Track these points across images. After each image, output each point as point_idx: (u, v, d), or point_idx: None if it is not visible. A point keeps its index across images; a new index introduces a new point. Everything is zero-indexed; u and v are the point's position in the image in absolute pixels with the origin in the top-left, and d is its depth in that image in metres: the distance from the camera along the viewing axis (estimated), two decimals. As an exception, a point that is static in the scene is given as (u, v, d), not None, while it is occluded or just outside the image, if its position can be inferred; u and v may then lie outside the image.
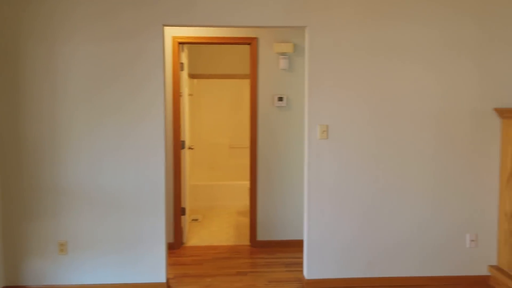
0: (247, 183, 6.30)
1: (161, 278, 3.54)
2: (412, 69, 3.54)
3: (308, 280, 3.62)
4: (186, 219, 4.79)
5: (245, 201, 6.38)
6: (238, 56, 6.82)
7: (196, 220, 5.70)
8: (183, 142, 4.72)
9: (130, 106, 3.43)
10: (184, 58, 4.74)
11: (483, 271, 3.66)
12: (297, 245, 4.57)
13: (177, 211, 4.58)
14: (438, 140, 3.58)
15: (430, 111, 3.57)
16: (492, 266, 3.64)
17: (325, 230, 3.60)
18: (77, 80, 3.40)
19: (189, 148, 4.94)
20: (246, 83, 7.00)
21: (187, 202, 4.94)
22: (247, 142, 7.11)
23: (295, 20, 3.48)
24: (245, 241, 4.84)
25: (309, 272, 3.63)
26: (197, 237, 5.01)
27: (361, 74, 3.53)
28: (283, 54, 4.57)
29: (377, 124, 3.56)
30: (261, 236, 4.66)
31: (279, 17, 3.47)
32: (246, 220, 5.68)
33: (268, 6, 3.45)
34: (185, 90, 4.77)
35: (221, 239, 4.93)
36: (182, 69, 4.68)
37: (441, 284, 3.64)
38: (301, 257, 4.26)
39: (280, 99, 4.59)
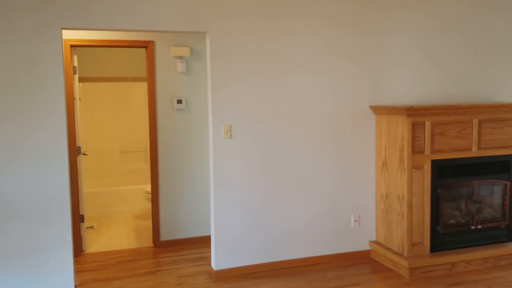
0: (142, 187, 6.30)
1: (69, 285, 3.48)
2: (304, 75, 3.99)
3: (217, 271, 3.86)
4: (84, 227, 4.69)
5: (142, 205, 6.37)
6: (130, 58, 6.77)
7: (91, 227, 5.56)
8: (79, 148, 4.62)
9: (29, 111, 3.32)
10: (75, 62, 4.64)
11: (365, 246, 4.26)
12: (202, 241, 4.78)
13: (75, 218, 4.47)
14: (326, 135, 4.08)
15: (319, 111, 4.05)
16: (372, 241, 4.26)
17: (231, 223, 3.88)
18: (-31, 83, 3.19)
19: (83, 154, 4.84)
20: (138, 86, 6.98)
21: (85, 209, 4.83)
22: (139, 146, 7.08)
23: (196, 25, 3.70)
24: (148, 243, 4.89)
25: (217, 263, 3.86)
26: (97, 243, 4.92)
27: (260, 78, 3.88)
28: (180, 57, 4.73)
29: (275, 123, 3.94)
30: (165, 236, 4.77)
31: (179, 22, 3.64)
32: (145, 223, 5.70)
33: (168, 11, 3.60)
34: (77, 94, 4.67)
35: (122, 244, 4.91)
36: (75, 73, 4.58)
37: (331, 261, 4.14)
38: (207, 252, 4.47)
39: (179, 101, 4.75)
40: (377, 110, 4.13)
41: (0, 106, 3.26)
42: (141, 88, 6.97)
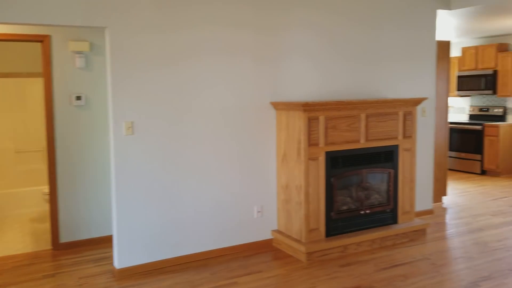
0: (39, 188, 5.99)
1: (-42, 293, 3.26)
2: (206, 71, 4.07)
3: (119, 269, 3.82)
4: (-25, 231, 4.38)
5: (39, 207, 6.06)
6: (25, 53, 6.36)
7: (-17, 233, 5.18)
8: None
9: None
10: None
11: (267, 235, 4.47)
12: (105, 241, 4.68)
13: (-36, 223, 4.15)
14: (229, 130, 4.21)
15: (222, 106, 4.17)
16: (274, 230, 4.48)
17: (134, 220, 3.86)
18: None
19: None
20: (34, 82, 6.59)
21: (-25, 213, 4.50)
22: (37, 146, 6.70)
23: (94, 20, 3.62)
24: (46, 245, 4.67)
25: (119, 261, 3.83)
26: (-11, 249, 4.61)
27: (162, 73, 3.89)
28: (79, 52, 4.57)
29: (178, 118, 3.98)
30: (65, 238, 4.59)
31: (77, 16, 3.54)
32: (43, 226, 5.42)
33: (65, 4, 3.49)
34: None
35: (18, 248, 4.64)
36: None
37: (235, 252, 4.30)
38: (110, 252, 4.39)
39: (78, 98, 4.59)
40: (277, 106, 4.35)
41: None
42: (38, 84, 6.59)
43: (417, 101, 4.60)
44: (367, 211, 4.45)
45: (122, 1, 3.69)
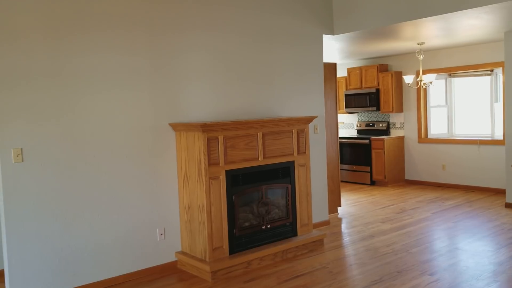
0: None
1: None
2: (101, 94, 3.99)
3: (13, 306, 3.56)
4: None
5: None
6: None
7: None
8: None
9: None
10: None
11: (171, 258, 4.45)
12: (-7, 277, 4.31)
13: None
14: (128, 153, 4.15)
15: (120, 129, 4.10)
16: (178, 252, 4.47)
17: (28, 253, 3.63)
18: None
19: None
20: None
21: None
22: None
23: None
24: None
25: (12, 298, 3.57)
26: None
27: (54, 97, 3.74)
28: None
29: (73, 143, 3.84)
30: None
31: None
32: None
33: None
34: None
35: None
36: None
37: (139, 277, 4.21)
38: (0, 288, 4.07)
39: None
40: (176, 127, 4.39)
41: None
42: None
43: (309, 119, 4.94)
44: (268, 226, 4.64)
45: (7, 24, 3.51)
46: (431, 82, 7.39)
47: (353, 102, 9.29)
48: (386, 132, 9.07)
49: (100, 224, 4.00)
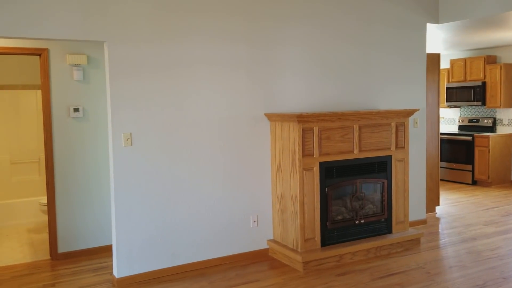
0: (36, 199, 6.01)
1: (-42, 304, 3.28)
2: (203, 83, 4.16)
3: (119, 278, 3.86)
4: (-28, 242, 4.40)
5: (36, 218, 6.07)
6: (20, 65, 6.42)
7: (-21, 244, 5.19)
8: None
9: None
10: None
11: (263, 245, 4.53)
12: (102, 251, 4.71)
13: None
14: (225, 141, 4.29)
15: (218, 118, 4.25)
16: (269, 240, 4.55)
17: (133, 230, 3.92)
18: None
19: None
20: (29, 94, 6.64)
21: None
22: (31, 157, 6.73)
23: (94, 34, 3.71)
24: (44, 256, 4.70)
25: (119, 271, 3.87)
26: (-14, 260, 4.63)
27: (160, 86, 3.98)
28: (76, 65, 4.65)
29: (176, 130, 4.06)
30: (63, 248, 4.62)
31: (77, 30, 3.63)
32: (40, 237, 5.45)
33: (66, 20, 3.58)
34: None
35: (16, 258, 4.67)
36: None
37: (232, 261, 4.35)
38: (108, 262, 4.43)
39: (76, 110, 4.66)
40: (271, 117, 4.44)
41: None
42: (33, 96, 6.65)
43: (409, 112, 4.72)
44: (362, 221, 4.53)
45: (120, 16, 3.78)
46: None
47: (456, 95, 8.71)
48: (492, 129, 8.40)
49: (197, 208, 4.19)
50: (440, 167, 8.23)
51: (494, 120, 8.41)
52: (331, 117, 4.26)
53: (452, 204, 6.73)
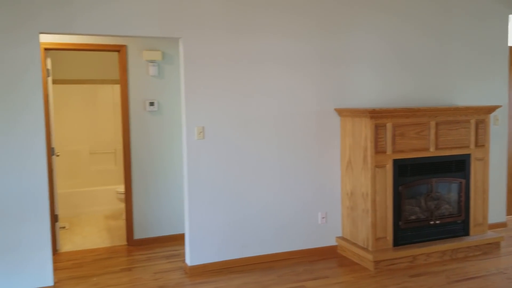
0: (112, 188, 6.35)
1: (49, 281, 3.55)
2: (271, 77, 4.18)
3: (191, 266, 3.99)
4: (58, 226, 4.73)
5: (112, 205, 6.42)
6: (99, 61, 6.79)
7: (63, 227, 5.57)
8: (53, 149, 4.66)
9: (6, 112, 3.39)
10: (49, 65, 4.67)
11: (332, 242, 4.49)
12: (174, 239, 4.90)
13: (51, 218, 4.50)
14: (295, 136, 4.28)
15: (288, 113, 4.25)
16: (338, 237, 4.49)
17: (204, 220, 4.02)
18: None
19: (56, 155, 4.86)
20: (106, 89, 7.01)
21: (61, 213, 4.86)
22: (108, 148, 7.11)
23: (169, 31, 3.83)
24: (121, 241, 4.97)
25: (191, 259, 4.00)
26: (70, 243, 4.96)
27: (231, 81, 4.04)
28: (152, 61, 4.83)
29: (246, 124, 4.11)
30: (138, 235, 4.86)
31: (154, 28, 3.77)
32: (116, 223, 5.76)
33: (143, 17, 3.72)
34: (51, 96, 4.70)
35: (96, 242, 4.97)
36: (48, 75, 4.62)
37: (300, 256, 4.34)
38: (180, 249, 4.60)
39: (151, 104, 4.85)
40: (342, 112, 4.37)
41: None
42: (110, 91, 7.01)
43: (491, 109, 4.45)
44: (437, 222, 4.35)
45: (196, 14, 3.88)
46: None
47: (541, 91, 8.09)
48: None
49: (267, 201, 4.23)
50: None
51: None
52: (406, 113, 4.11)
53: (535, 207, 6.27)
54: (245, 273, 3.98)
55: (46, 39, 4.43)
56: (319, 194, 4.42)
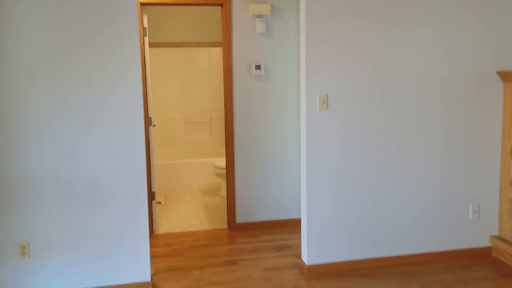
0: (209, 160, 5.84)
1: (146, 277, 3.04)
2: (416, 32, 3.25)
3: (309, 266, 3.30)
4: (155, 205, 4.28)
5: (207, 179, 5.95)
6: (194, 22, 6.22)
7: (159, 203, 5.17)
8: (150, 118, 4.16)
9: (100, 76, 2.83)
10: (145, 22, 4.12)
11: (485, 242, 3.55)
12: (282, 225, 4.25)
13: (148, 197, 4.04)
14: (439, 108, 3.35)
15: (433, 76, 3.31)
16: (493, 236, 3.54)
17: (326, 210, 3.28)
18: (32, 47, 2.73)
19: (153, 125, 4.38)
20: (202, 52, 6.46)
21: (156, 186, 4.42)
22: (203, 117, 6.61)
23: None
24: (221, 224, 4.42)
25: (309, 257, 3.30)
26: (167, 223, 4.52)
27: (363, 39, 3.19)
28: (260, 16, 4.10)
29: (379, 93, 3.25)
30: (240, 219, 4.27)
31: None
32: (213, 200, 5.26)
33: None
34: (148, 58, 4.16)
35: (194, 224, 4.48)
36: (145, 35, 4.07)
37: (444, 259, 3.47)
38: (290, 239, 3.95)
39: (258, 67, 4.14)
40: (508, 76, 3.33)
41: (70, 72, 2.79)
42: (205, 55, 6.44)
43: None
44: None
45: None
46: None
47: None
48: None
49: (404, 190, 3.37)
50: None
51: None
52: None
53: None
54: (377, 278, 3.20)
55: (141, -8, 3.85)
56: (472, 181, 3.47)
